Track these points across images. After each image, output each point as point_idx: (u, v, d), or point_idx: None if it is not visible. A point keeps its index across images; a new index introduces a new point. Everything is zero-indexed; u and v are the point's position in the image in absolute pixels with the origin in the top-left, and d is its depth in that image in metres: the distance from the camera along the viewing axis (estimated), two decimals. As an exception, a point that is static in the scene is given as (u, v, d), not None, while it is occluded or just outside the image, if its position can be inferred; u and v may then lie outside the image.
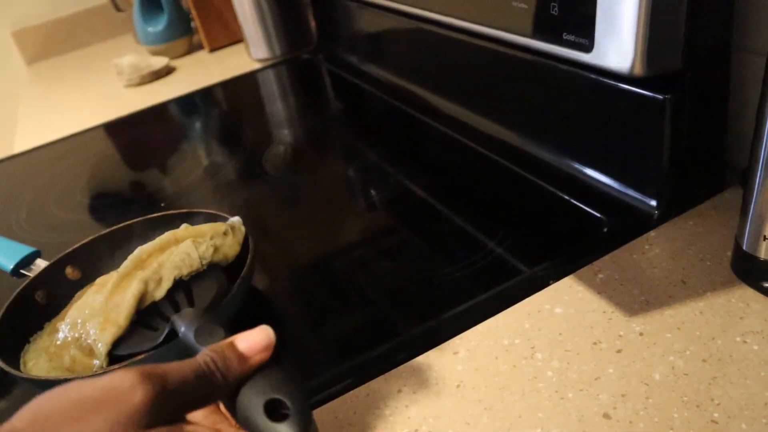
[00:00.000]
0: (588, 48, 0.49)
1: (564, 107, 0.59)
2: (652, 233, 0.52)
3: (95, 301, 0.48)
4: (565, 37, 0.51)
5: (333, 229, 0.64)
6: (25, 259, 0.57)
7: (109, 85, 1.29)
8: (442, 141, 0.75)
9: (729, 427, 0.36)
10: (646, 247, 0.50)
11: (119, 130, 1.06)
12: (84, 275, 0.56)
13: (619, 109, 0.53)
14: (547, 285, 0.49)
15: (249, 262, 0.51)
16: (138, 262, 0.49)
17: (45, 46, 1.65)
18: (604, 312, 0.45)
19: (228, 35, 1.32)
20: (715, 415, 0.37)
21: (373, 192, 0.69)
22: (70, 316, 0.48)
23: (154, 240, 0.51)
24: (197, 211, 0.58)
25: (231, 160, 0.84)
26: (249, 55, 1.20)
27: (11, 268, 0.57)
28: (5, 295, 0.51)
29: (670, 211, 0.53)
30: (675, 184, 0.52)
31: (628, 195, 0.55)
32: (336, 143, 0.85)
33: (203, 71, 1.24)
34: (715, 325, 0.42)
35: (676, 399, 0.38)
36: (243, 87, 1.12)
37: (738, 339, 0.41)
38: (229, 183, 0.78)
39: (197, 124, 1.02)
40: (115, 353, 0.45)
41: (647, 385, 0.39)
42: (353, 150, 0.80)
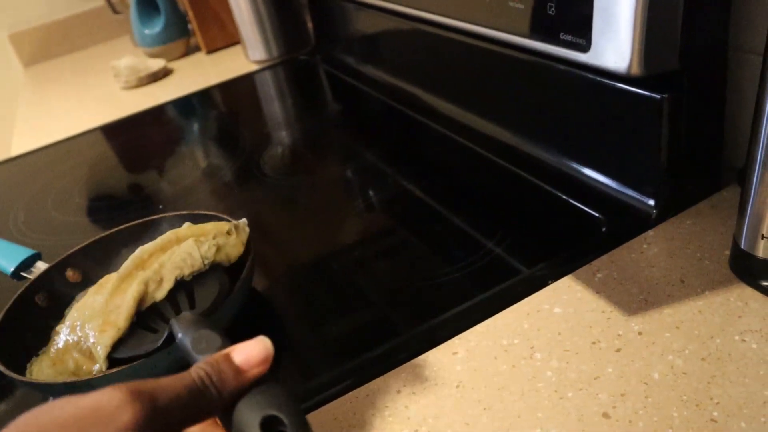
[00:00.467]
0: (585, 48, 0.49)
1: (561, 107, 0.59)
2: (651, 232, 0.52)
3: (95, 303, 0.47)
4: (562, 37, 0.51)
5: (332, 229, 0.64)
6: (26, 261, 0.57)
7: (106, 88, 1.29)
8: (440, 141, 0.75)
9: (728, 425, 0.36)
10: (645, 246, 0.51)
11: (117, 133, 1.06)
12: (84, 278, 0.56)
13: (617, 109, 0.53)
14: (546, 285, 0.49)
15: (249, 264, 0.51)
16: (139, 263, 0.49)
17: (42, 49, 1.65)
18: (603, 311, 0.45)
19: (225, 37, 1.32)
20: (715, 413, 0.37)
21: (371, 192, 0.69)
22: (70, 318, 0.48)
23: (156, 240, 0.51)
24: (196, 213, 0.58)
25: (229, 161, 0.84)
26: (246, 56, 1.20)
27: (12, 271, 0.57)
28: (6, 298, 0.51)
29: (668, 210, 0.53)
30: (673, 183, 0.52)
31: (626, 194, 0.55)
32: (334, 144, 0.85)
33: (201, 73, 1.24)
34: (713, 324, 0.42)
35: (675, 398, 0.38)
36: (240, 89, 1.12)
37: (737, 338, 0.41)
38: (228, 185, 0.78)
39: (195, 126, 1.02)
40: (115, 356, 0.45)
41: (646, 384, 0.39)
42: (351, 151, 0.80)
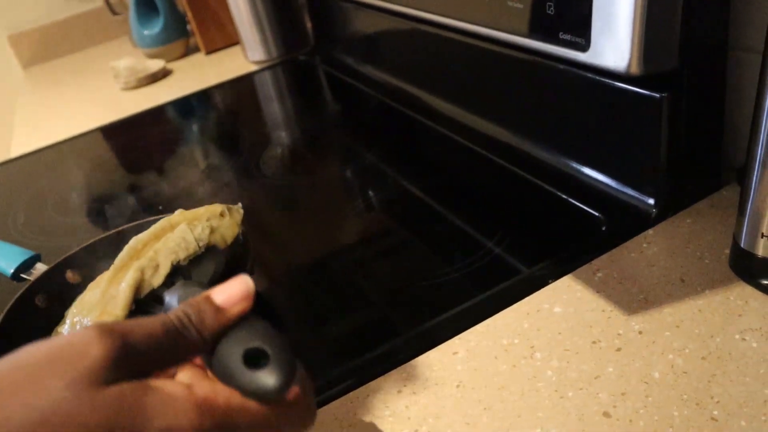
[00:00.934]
0: (584, 47, 0.49)
1: (561, 106, 0.59)
2: (650, 232, 0.52)
3: (93, 297, 0.47)
4: (561, 37, 0.51)
5: (332, 230, 0.64)
6: (26, 263, 0.57)
7: (105, 89, 1.29)
8: (440, 141, 0.75)
9: (728, 424, 0.36)
10: (645, 245, 0.51)
11: (116, 134, 1.06)
12: (84, 279, 0.56)
13: (616, 108, 0.53)
14: (546, 284, 0.49)
15: (249, 265, 0.51)
16: (134, 253, 0.48)
17: (41, 50, 1.65)
18: (603, 311, 0.45)
19: (224, 37, 1.32)
20: (715, 412, 0.37)
21: (371, 193, 0.69)
22: (70, 316, 0.48)
23: (149, 228, 0.50)
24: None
25: (228, 162, 0.84)
26: (245, 57, 1.20)
27: (11, 273, 0.57)
28: (6, 300, 0.51)
29: (667, 209, 0.53)
30: (672, 182, 0.52)
31: (626, 194, 0.55)
32: (333, 144, 0.85)
33: (200, 74, 1.24)
34: (713, 323, 0.42)
35: (675, 397, 0.38)
36: (240, 89, 1.12)
37: (737, 336, 0.41)
38: (227, 185, 0.78)
39: (194, 127, 1.02)
40: None
41: (647, 383, 0.39)
42: (351, 151, 0.80)
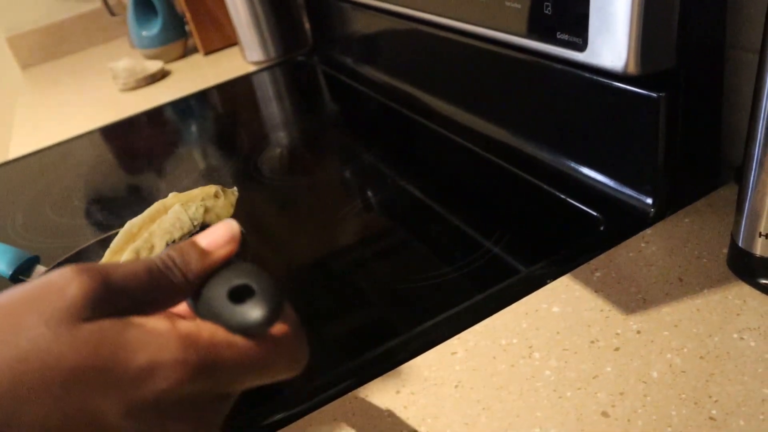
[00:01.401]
0: (582, 47, 0.49)
1: (559, 106, 0.59)
2: (648, 231, 0.52)
3: None
4: (558, 36, 0.51)
5: (330, 230, 0.64)
6: (24, 264, 0.57)
7: (104, 90, 1.29)
8: (438, 141, 0.75)
9: (727, 423, 0.36)
10: (643, 245, 0.51)
11: (115, 135, 1.05)
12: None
13: (614, 108, 0.53)
14: (544, 284, 0.49)
15: (248, 256, 0.51)
16: (129, 237, 0.47)
17: (40, 51, 1.65)
18: (602, 310, 0.45)
19: (222, 38, 1.32)
20: (713, 412, 0.37)
21: (369, 193, 0.69)
22: None
23: (144, 212, 0.50)
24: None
25: (227, 163, 0.84)
26: (244, 57, 1.20)
27: (10, 274, 0.57)
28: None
29: (665, 208, 0.53)
30: (670, 181, 0.52)
31: (624, 193, 0.55)
32: (332, 145, 0.85)
33: (198, 74, 1.23)
34: (712, 323, 0.42)
35: (674, 396, 0.38)
36: (238, 90, 1.12)
37: (735, 336, 0.41)
38: (226, 185, 0.78)
39: (193, 128, 1.02)
40: None
41: (645, 383, 0.39)
42: (349, 151, 0.80)
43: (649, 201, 0.53)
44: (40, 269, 0.57)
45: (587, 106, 0.55)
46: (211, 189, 0.52)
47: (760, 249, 0.43)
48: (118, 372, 0.24)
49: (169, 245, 0.46)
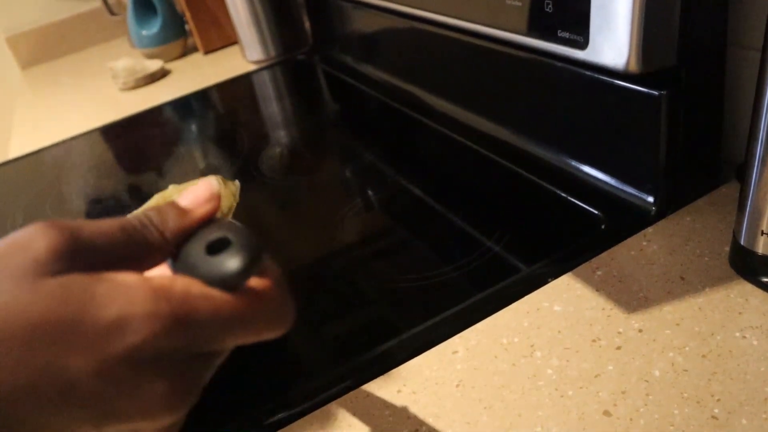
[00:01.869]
0: (583, 45, 0.49)
1: (560, 104, 0.59)
2: (650, 230, 0.52)
3: None
4: (559, 35, 0.51)
5: (331, 229, 0.64)
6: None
7: (104, 89, 1.29)
8: (439, 140, 0.75)
9: (729, 422, 0.36)
10: (644, 243, 0.50)
11: (115, 134, 1.05)
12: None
13: (615, 106, 0.53)
14: (546, 283, 0.49)
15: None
16: None
17: (39, 51, 1.65)
18: (603, 309, 0.45)
19: (222, 37, 1.32)
20: (716, 410, 0.37)
21: (370, 192, 0.69)
22: None
23: (143, 205, 0.50)
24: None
25: (227, 162, 0.84)
26: (244, 56, 1.20)
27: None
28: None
29: (667, 207, 0.53)
30: (672, 180, 0.52)
31: (625, 192, 0.55)
32: (332, 144, 0.85)
33: (198, 74, 1.23)
34: (714, 321, 0.42)
35: (676, 395, 0.38)
36: (238, 89, 1.12)
37: (737, 334, 0.41)
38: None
39: (193, 127, 1.02)
40: None
41: (647, 381, 0.39)
42: (350, 150, 0.80)
43: (651, 199, 0.53)
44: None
45: (588, 104, 0.55)
46: (210, 179, 0.52)
47: (762, 247, 0.43)
48: (85, 326, 0.23)
49: None
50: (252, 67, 1.17)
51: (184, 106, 1.10)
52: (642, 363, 0.40)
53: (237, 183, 0.52)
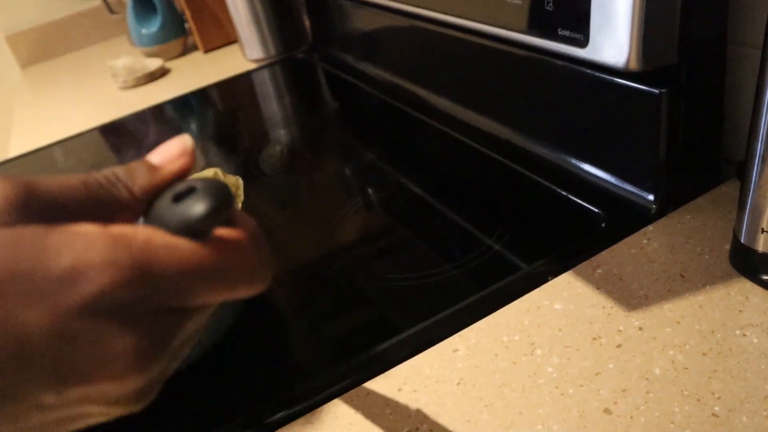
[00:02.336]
0: (583, 43, 0.49)
1: (560, 103, 0.59)
2: (650, 228, 0.52)
3: None
4: (560, 33, 0.51)
5: (331, 228, 0.64)
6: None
7: (104, 88, 1.29)
8: (439, 138, 0.75)
9: (730, 420, 0.36)
10: (644, 241, 0.50)
11: (115, 133, 1.05)
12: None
13: (615, 104, 0.52)
14: (546, 281, 0.49)
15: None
16: None
17: (39, 50, 1.65)
18: (604, 307, 0.45)
19: (222, 36, 1.32)
20: (716, 408, 0.37)
21: (370, 191, 0.69)
22: None
23: None
24: None
25: (227, 161, 0.84)
26: (244, 55, 1.20)
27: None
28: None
29: (667, 205, 0.53)
30: (672, 178, 0.52)
31: (626, 190, 0.55)
32: (332, 142, 0.85)
33: (198, 72, 1.23)
34: (714, 319, 0.42)
35: (676, 393, 0.38)
36: (238, 88, 1.11)
37: (738, 332, 0.41)
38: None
39: (193, 126, 1.02)
40: None
41: (647, 379, 0.39)
42: (350, 149, 0.80)
43: (651, 197, 0.53)
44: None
45: (589, 102, 0.55)
46: (209, 172, 0.51)
47: (762, 245, 0.43)
48: (38, 277, 0.21)
49: None
50: (252, 65, 1.17)
51: (184, 104, 1.10)
52: (642, 361, 0.40)
53: (239, 179, 0.52)
